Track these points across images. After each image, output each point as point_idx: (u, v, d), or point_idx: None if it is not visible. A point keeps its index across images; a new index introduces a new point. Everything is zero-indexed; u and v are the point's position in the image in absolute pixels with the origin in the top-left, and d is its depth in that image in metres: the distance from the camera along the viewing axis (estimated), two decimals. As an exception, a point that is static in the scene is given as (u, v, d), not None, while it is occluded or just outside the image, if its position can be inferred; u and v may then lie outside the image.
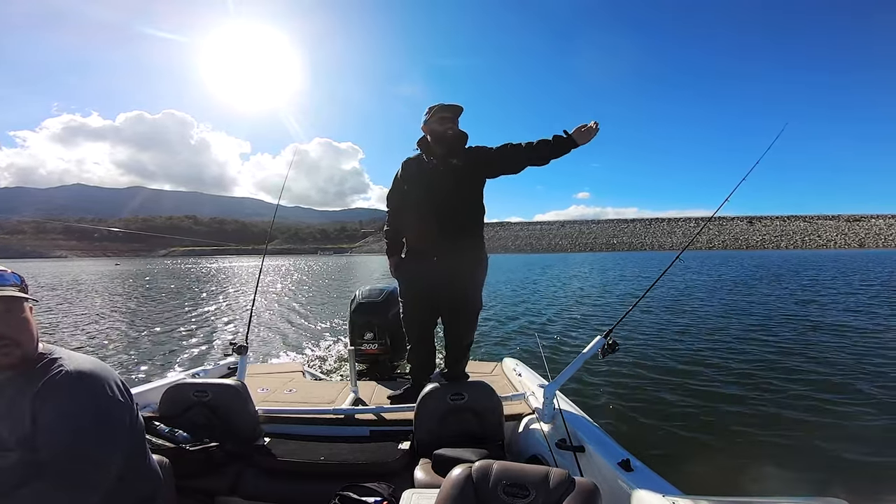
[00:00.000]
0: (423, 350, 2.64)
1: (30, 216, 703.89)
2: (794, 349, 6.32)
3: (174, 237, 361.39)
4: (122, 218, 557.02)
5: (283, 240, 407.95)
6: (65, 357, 1.09)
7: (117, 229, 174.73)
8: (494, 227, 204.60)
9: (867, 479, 2.88)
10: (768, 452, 3.25)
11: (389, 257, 2.66)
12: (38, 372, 1.03)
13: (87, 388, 1.03)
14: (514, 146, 2.44)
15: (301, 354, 6.49)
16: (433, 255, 2.41)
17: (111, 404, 1.07)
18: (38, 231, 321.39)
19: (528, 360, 3.26)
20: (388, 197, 2.65)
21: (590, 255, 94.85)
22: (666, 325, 8.42)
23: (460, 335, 2.59)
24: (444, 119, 2.38)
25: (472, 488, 1.12)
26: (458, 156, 2.43)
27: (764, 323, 8.50)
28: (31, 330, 1.06)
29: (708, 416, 3.89)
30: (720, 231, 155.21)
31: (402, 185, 2.54)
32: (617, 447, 1.64)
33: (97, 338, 7.78)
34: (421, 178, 2.45)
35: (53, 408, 0.98)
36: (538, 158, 2.39)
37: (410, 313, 2.57)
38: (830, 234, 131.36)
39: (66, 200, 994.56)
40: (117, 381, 1.13)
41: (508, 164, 2.45)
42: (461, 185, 2.41)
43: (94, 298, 14.73)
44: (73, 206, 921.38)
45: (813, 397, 4.31)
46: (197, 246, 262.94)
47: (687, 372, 5.26)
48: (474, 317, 2.59)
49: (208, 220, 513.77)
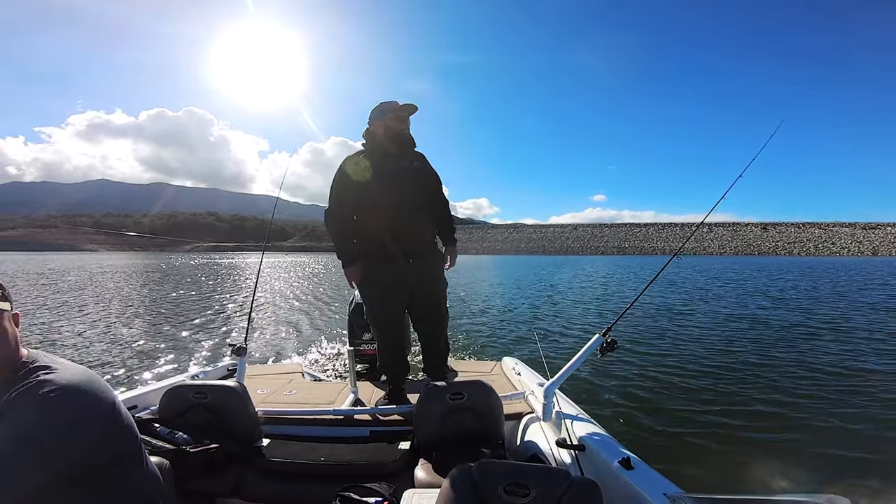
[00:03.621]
0: (402, 353, 2.61)
1: (56, 210, 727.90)
2: (795, 349, 6.34)
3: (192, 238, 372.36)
4: (148, 214, 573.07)
5: (300, 237, 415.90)
6: (47, 365, 1.08)
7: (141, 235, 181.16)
8: (508, 229, 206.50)
9: (869, 476, 2.85)
10: (770, 450, 3.24)
11: (347, 265, 2.39)
12: (17, 379, 1.03)
13: (57, 399, 1.01)
14: (447, 205, 2.57)
15: (300, 355, 6.47)
16: (415, 253, 2.36)
17: (81, 417, 1.04)
18: (70, 226, 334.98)
19: (528, 359, 3.24)
20: (336, 196, 2.37)
21: (600, 258, 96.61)
22: (666, 323, 8.41)
23: (438, 337, 2.59)
24: (402, 118, 2.34)
25: (473, 488, 1.12)
26: (416, 157, 2.43)
27: (765, 323, 8.53)
28: (7, 339, 1.06)
29: (708, 415, 3.86)
30: (733, 237, 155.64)
31: (355, 183, 2.31)
32: (617, 446, 1.63)
33: (98, 337, 7.66)
34: (390, 176, 2.31)
35: (17, 414, 0.99)
36: (447, 221, 2.57)
37: (386, 317, 2.50)
38: (845, 242, 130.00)
39: (91, 196, 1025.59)
40: (101, 394, 1.11)
41: (442, 201, 2.54)
42: (427, 185, 2.43)
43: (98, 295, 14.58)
44: (98, 202, 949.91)
45: (814, 396, 4.33)
46: (220, 242, 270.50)
47: (687, 370, 5.25)
48: (446, 316, 2.62)
49: (229, 217, 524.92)
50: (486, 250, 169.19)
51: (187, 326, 8.87)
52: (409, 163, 2.39)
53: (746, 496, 2.14)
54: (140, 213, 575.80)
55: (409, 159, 2.41)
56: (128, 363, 5.76)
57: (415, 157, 2.43)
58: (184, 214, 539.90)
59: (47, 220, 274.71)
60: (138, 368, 5.46)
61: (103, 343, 7.16)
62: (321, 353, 6.56)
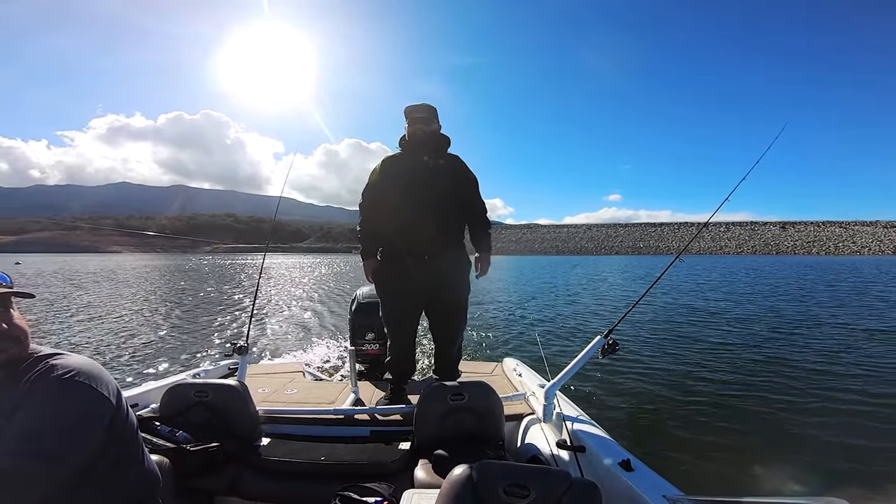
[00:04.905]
0: (410, 352, 2.59)
1: (80, 212, 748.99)
2: (796, 350, 6.33)
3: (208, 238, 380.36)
4: (168, 215, 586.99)
5: (315, 238, 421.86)
6: (53, 356, 1.09)
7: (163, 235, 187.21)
8: (521, 230, 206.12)
9: (868, 479, 2.83)
10: (769, 453, 3.21)
11: (365, 259, 2.50)
12: (26, 369, 1.04)
13: (68, 388, 1.03)
14: (481, 209, 2.52)
15: (301, 355, 6.49)
16: (425, 254, 2.34)
17: (90, 406, 1.05)
18: (94, 227, 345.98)
19: (529, 360, 3.22)
20: (366, 194, 2.47)
21: (615, 258, 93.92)
22: (668, 325, 8.38)
23: (454, 337, 2.55)
24: (413, 119, 2.37)
25: (473, 488, 1.12)
26: (442, 157, 2.41)
27: (766, 324, 8.48)
28: (25, 327, 1.08)
29: (709, 417, 3.85)
30: (751, 236, 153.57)
31: (383, 183, 2.40)
32: (617, 447, 1.63)
33: (98, 338, 7.72)
34: (417, 176, 2.34)
35: (31, 403, 0.99)
36: (481, 227, 2.51)
37: (398, 316, 2.48)
38: (866, 240, 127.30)
39: (114, 198, 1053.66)
40: (107, 385, 1.11)
41: (471, 208, 2.49)
42: (452, 185, 2.38)
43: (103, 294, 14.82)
44: (120, 204, 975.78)
45: (815, 397, 4.31)
46: (238, 243, 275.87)
47: (688, 372, 5.23)
48: (465, 317, 2.58)
49: (247, 219, 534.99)
50: (499, 251, 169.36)
51: (190, 325, 9.01)
52: (423, 163, 2.37)
53: (747, 499, 2.12)
54: (161, 215, 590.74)
55: (427, 159, 2.38)
56: (129, 362, 5.91)
57: (438, 158, 2.40)
58: (203, 216, 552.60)
59: (73, 222, 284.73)
60: (139, 367, 5.61)
61: (106, 342, 7.34)
62: (322, 352, 6.59)
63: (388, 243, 2.45)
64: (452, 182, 2.39)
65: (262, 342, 7.54)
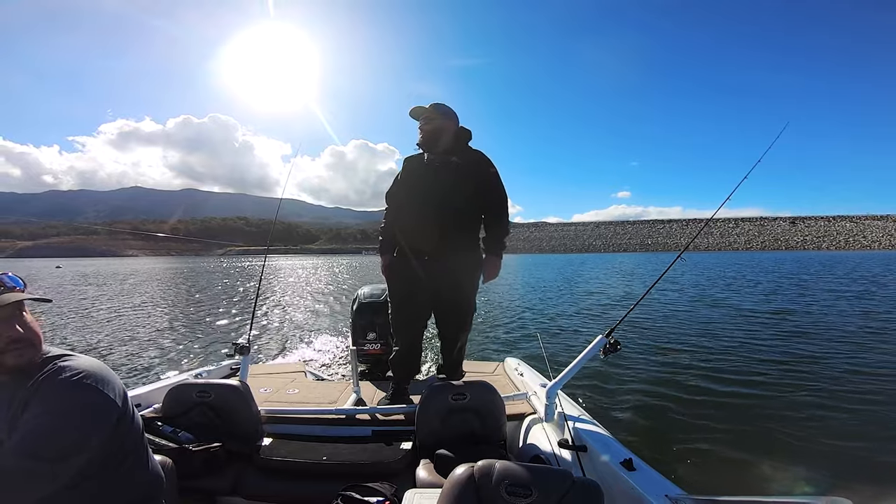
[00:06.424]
0: (414, 351, 2.57)
1: (94, 217, 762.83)
2: (797, 349, 6.26)
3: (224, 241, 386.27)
4: (182, 219, 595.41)
5: (326, 240, 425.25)
6: (62, 357, 1.11)
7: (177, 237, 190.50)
8: (529, 228, 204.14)
9: (872, 478, 2.81)
10: (772, 452, 3.17)
11: (382, 255, 2.54)
12: (35, 370, 1.06)
13: (75, 389, 1.04)
14: (496, 209, 2.44)
15: (303, 354, 6.48)
16: (434, 254, 2.34)
17: (96, 407, 1.06)
18: (111, 232, 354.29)
19: (530, 359, 3.20)
20: (389, 194, 2.54)
21: (623, 255, 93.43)
22: (669, 325, 8.31)
23: (459, 336, 2.56)
24: (424, 119, 2.39)
25: (474, 488, 1.12)
26: (456, 153, 2.38)
27: (767, 323, 8.37)
28: (39, 331, 1.10)
29: (711, 416, 3.80)
30: (760, 232, 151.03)
31: (403, 183, 2.46)
32: (619, 447, 1.62)
33: (99, 337, 7.77)
34: (423, 175, 2.38)
35: (38, 402, 1.01)
36: (494, 227, 2.45)
37: (405, 314, 2.49)
38: (876, 235, 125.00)
39: (126, 202, 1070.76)
40: (114, 387, 1.12)
41: (486, 207, 2.43)
42: (463, 183, 2.33)
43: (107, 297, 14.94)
44: (133, 208, 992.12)
45: (817, 396, 4.29)
46: (249, 245, 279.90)
47: (690, 371, 5.20)
48: (471, 318, 2.58)
49: (258, 222, 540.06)
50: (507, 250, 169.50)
51: (193, 325, 9.14)
52: (427, 163, 2.39)
53: (748, 498, 2.13)
54: (175, 219, 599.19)
55: (432, 158, 2.39)
56: (130, 361, 5.98)
57: (449, 155, 2.38)
58: (215, 220, 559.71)
59: (90, 226, 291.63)
60: (141, 367, 5.66)
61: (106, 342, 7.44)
62: (324, 352, 6.59)
63: (399, 242, 2.49)
64: (462, 179, 2.33)
65: (264, 342, 7.63)
